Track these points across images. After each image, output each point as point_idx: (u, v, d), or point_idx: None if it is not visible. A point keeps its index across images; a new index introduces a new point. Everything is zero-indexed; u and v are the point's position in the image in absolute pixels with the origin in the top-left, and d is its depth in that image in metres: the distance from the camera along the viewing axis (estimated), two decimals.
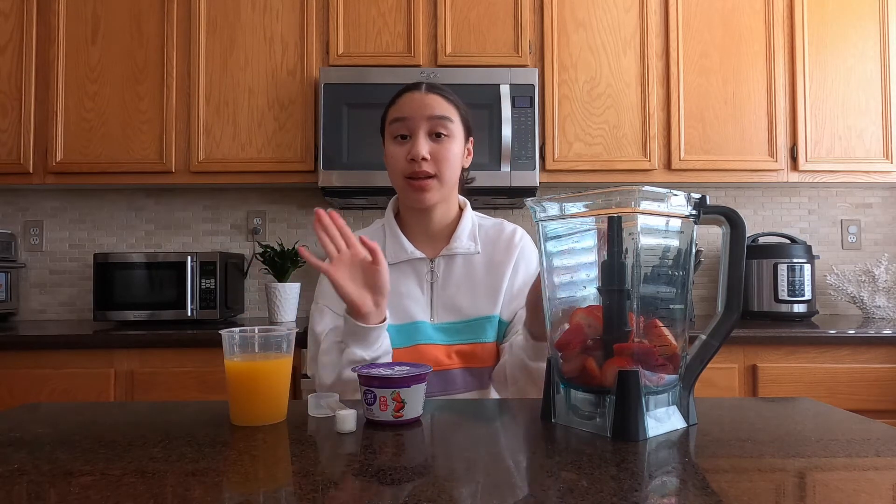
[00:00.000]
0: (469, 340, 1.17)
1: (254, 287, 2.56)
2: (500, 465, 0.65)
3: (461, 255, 1.19)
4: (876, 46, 2.33)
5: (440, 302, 1.18)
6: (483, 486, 0.58)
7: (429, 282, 1.19)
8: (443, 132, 1.13)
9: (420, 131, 1.12)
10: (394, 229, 1.21)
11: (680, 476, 0.61)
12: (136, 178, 2.26)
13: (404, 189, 1.15)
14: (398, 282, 1.17)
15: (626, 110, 2.29)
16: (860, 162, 2.32)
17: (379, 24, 2.27)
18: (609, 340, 0.76)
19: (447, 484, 0.58)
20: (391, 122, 1.15)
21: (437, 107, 1.13)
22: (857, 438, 0.73)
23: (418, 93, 1.15)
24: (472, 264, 1.19)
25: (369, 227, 1.29)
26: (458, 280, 1.19)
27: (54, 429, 0.79)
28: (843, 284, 2.38)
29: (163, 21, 2.26)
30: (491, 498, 0.55)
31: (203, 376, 1.90)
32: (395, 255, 1.18)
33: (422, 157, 1.10)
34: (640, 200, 0.73)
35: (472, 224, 1.22)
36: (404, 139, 1.14)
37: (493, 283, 1.19)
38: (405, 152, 1.13)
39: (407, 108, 1.13)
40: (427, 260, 1.19)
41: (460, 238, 1.19)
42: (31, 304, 2.52)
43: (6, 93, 2.23)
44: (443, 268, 1.19)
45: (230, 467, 0.64)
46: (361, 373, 0.83)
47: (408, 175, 1.13)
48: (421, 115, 1.12)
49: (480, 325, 1.17)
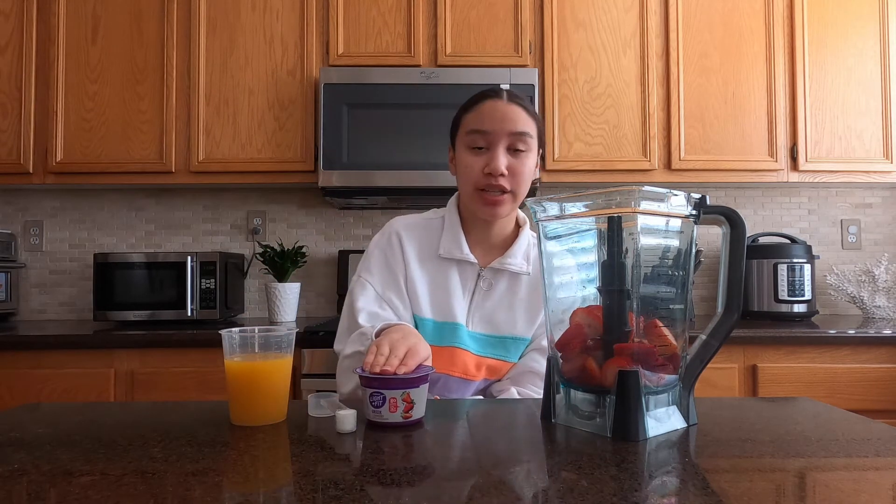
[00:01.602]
0: (499, 356, 1.16)
1: (254, 287, 2.56)
2: (500, 465, 0.65)
3: (511, 271, 1.17)
4: (876, 46, 2.33)
5: (478, 311, 1.16)
6: (483, 485, 0.58)
7: (471, 289, 1.17)
8: (522, 148, 1.11)
9: (500, 145, 1.10)
10: (455, 226, 1.19)
11: (680, 476, 0.61)
12: (136, 178, 2.26)
13: (475, 200, 1.13)
14: (446, 277, 1.17)
15: (626, 110, 2.29)
16: (860, 162, 2.32)
17: (379, 24, 2.27)
18: (609, 340, 0.76)
19: (447, 484, 0.58)
20: (470, 131, 1.12)
21: (520, 122, 1.11)
22: (857, 438, 0.73)
23: (500, 102, 1.12)
24: (518, 283, 1.18)
25: (424, 214, 1.25)
26: (500, 295, 1.17)
27: (54, 429, 0.79)
28: (843, 284, 2.38)
29: (163, 21, 2.26)
30: (491, 498, 0.55)
31: (203, 376, 1.90)
32: (449, 251, 1.17)
33: (500, 174, 1.09)
34: (640, 200, 0.73)
35: (528, 243, 1.21)
36: (481, 150, 1.12)
37: (534, 306, 1.17)
38: (482, 164, 1.11)
39: (489, 120, 1.11)
40: (477, 266, 1.17)
41: (515, 255, 1.17)
42: (31, 304, 2.52)
43: (6, 93, 2.23)
44: (489, 279, 1.17)
45: (230, 467, 0.64)
46: (367, 374, 0.82)
47: (482, 187, 1.11)
48: (503, 130, 1.10)
49: (514, 343, 1.16)
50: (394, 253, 1.18)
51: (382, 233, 1.22)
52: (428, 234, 1.20)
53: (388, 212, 2.57)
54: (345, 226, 2.58)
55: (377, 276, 1.16)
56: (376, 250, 1.20)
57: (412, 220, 1.23)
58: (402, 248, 1.18)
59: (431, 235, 1.20)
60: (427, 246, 1.19)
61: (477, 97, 1.15)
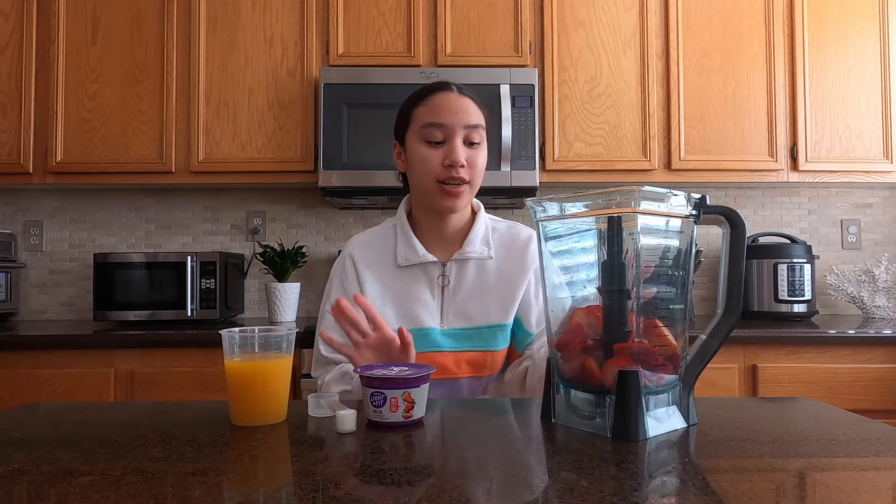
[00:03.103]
0: (478, 348, 1.15)
1: (254, 287, 2.56)
2: (500, 466, 0.65)
3: (474, 259, 1.18)
4: (876, 46, 2.33)
5: (451, 307, 1.16)
6: (483, 485, 0.58)
7: (440, 286, 1.17)
8: (476, 140, 1.13)
9: (457, 137, 1.11)
10: (406, 231, 1.19)
11: (680, 476, 0.61)
12: (136, 178, 2.26)
13: (435, 193, 1.13)
14: (409, 286, 1.17)
15: (626, 110, 2.29)
16: (860, 162, 2.32)
17: (379, 24, 2.27)
18: (609, 340, 0.76)
19: (447, 484, 0.58)
20: (426, 125, 1.12)
21: (473, 114, 1.13)
22: (857, 438, 0.73)
23: (452, 94, 1.13)
24: (484, 269, 1.18)
25: (379, 227, 1.27)
26: (469, 285, 1.17)
27: (54, 429, 0.79)
28: (843, 284, 2.38)
29: (163, 21, 2.26)
30: (491, 498, 0.55)
31: (203, 376, 1.90)
32: (407, 258, 1.17)
33: (461, 165, 1.10)
34: (640, 200, 0.73)
35: (485, 228, 1.21)
36: (438, 144, 1.12)
37: (507, 291, 1.17)
38: (440, 157, 1.11)
39: (445, 113, 1.11)
40: (439, 264, 1.18)
41: (473, 242, 1.18)
42: (31, 304, 2.52)
43: (6, 93, 2.23)
44: (455, 272, 1.17)
45: (230, 467, 0.64)
46: (368, 374, 0.82)
47: (442, 180, 1.11)
48: (458, 122, 1.11)
49: (491, 332, 1.16)
50: (348, 278, 1.20)
51: (339, 258, 1.24)
52: (384, 245, 1.21)
53: (388, 212, 2.57)
54: (345, 226, 2.58)
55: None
56: (335, 278, 1.22)
57: (366, 236, 1.25)
58: (357, 270, 1.19)
59: (387, 246, 1.21)
60: (384, 258, 1.20)
61: (426, 91, 1.15)
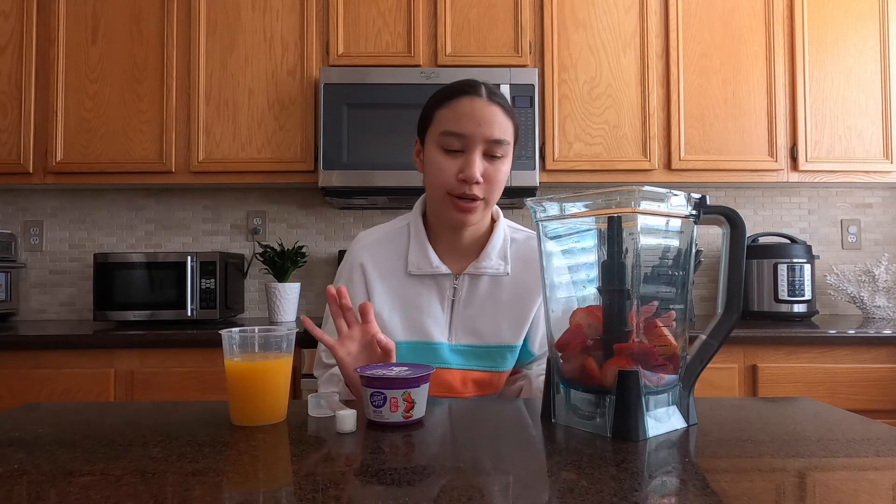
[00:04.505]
0: (486, 368, 1.10)
1: (254, 287, 2.56)
2: (500, 466, 0.65)
3: (489, 275, 1.10)
4: (876, 46, 2.33)
5: (460, 322, 1.10)
6: (483, 485, 0.58)
7: (450, 299, 1.11)
8: (498, 154, 1.04)
9: (476, 151, 1.03)
10: (420, 236, 1.12)
11: (680, 476, 0.61)
12: (136, 178, 2.26)
13: (445, 205, 1.06)
14: (418, 295, 1.11)
15: (626, 110, 2.29)
16: (860, 162, 2.32)
17: (379, 24, 2.27)
18: (609, 340, 0.76)
19: (447, 484, 0.58)
20: (444, 132, 1.03)
21: (498, 127, 1.03)
22: (857, 438, 0.73)
23: (479, 101, 1.03)
24: (499, 285, 1.11)
25: (390, 225, 1.20)
26: (481, 301, 1.10)
27: (54, 429, 0.79)
28: (843, 284, 2.38)
29: (163, 21, 2.26)
30: (491, 498, 0.55)
31: (203, 376, 1.90)
32: (418, 267, 1.11)
33: (475, 182, 1.02)
34: (640, 200, 0.73)
35: (503, 239, 1.13)
36: (455, 153, 1.04)
37: (520, 310, 1.11)
38: (456, 168, 1.03)
39: (466, 122, 1.02)
40: (451, 276, 1.11)
41: (490, 256, 1.10)
42: (31, 304, 2.52)
43: (6, 93, 2.23)
44: (466, 286, 1.11)
45: (230, 467, 0.64)
46: (368, 374, 0.82)
47: (455, 194, 1.04)
48: (480, 135, 1.02)
49: (500, 353, 1.10)
50: (354, 286, 1.14)
51: (346, 259, 1.19)
52: (395, 247, 1.15)
53: (388, 212, 2.57)
54: (345, 226, 2.58)
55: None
56: (341, 282, 1.17)
57: (377, 234, 1.19)
58: (366, 279, 1.13)
59: (398, 249, 1.14)
60: (395, 264, 1.13)
61: (452, 91, 1.06)
